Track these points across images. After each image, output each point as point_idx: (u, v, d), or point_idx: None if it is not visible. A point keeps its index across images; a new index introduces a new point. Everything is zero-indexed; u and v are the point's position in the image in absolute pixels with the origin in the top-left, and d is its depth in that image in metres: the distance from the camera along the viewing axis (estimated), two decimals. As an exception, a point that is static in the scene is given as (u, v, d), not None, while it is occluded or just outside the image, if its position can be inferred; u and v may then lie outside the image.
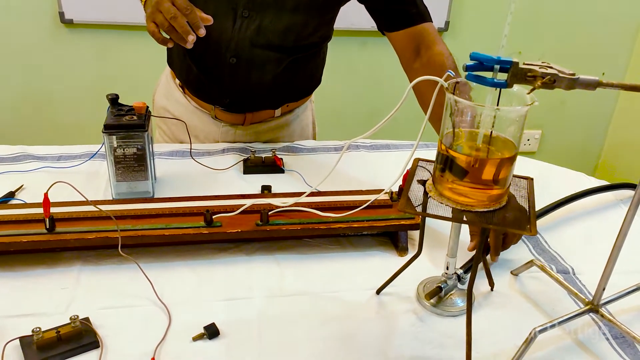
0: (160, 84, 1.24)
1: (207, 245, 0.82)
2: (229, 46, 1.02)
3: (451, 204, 0.62)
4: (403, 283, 0.75)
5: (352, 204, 0.83)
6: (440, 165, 0.62)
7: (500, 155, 0.61)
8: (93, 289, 0.72)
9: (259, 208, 0.82)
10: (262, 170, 1.03)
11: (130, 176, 0.89)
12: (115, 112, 0.88)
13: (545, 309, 0.73)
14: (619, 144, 2.44)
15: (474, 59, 0.56)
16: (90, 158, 1.03)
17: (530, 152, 2.47)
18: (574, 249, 0.85)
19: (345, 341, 0.66)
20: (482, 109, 0.59)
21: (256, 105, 1.14)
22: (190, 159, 1.05)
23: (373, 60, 2.16)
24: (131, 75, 2.01)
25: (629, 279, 0.73)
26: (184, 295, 0.72)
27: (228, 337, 0.66)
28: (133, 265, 0.74)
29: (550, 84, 0.54)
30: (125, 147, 0.87)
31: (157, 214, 0.82)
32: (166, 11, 0.84)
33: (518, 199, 0.66)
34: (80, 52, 1.98)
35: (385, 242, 0.85)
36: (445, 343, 0.67)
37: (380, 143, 1.17)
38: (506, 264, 0.81)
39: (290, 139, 1.21)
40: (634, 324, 0.70)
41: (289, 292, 0.74)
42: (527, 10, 2.14)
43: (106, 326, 0.66)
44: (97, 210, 0.78)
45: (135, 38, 1.95)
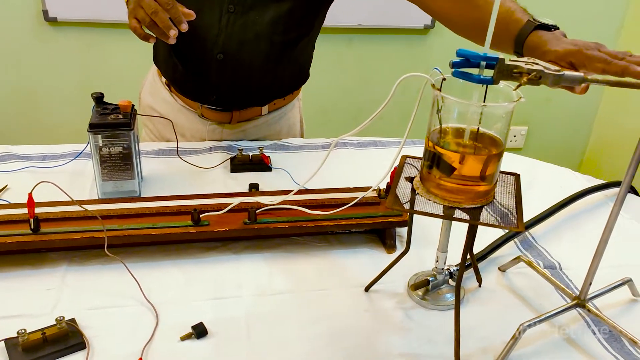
0: (146, 82, 1.23)
1: (195, 245, 0.81)
2: (216, 42, 1.02)
3: (439, 200, 0.62)
4: (392, 280, 0.75)
5: (340, 202, 0.83)
6: (428, 162, 0.62)
7: (487, 151, 0.61)
8: (79, 289, 0.72)
9: (246, 206, 0.81)
10: (250, 169, 1.02)
11: (116, 175, 0.89)
12: (101, 111, 0.87)
13: (532, 304, 0.73)
14: (603, 140, 2.47)
15: (461, 55, 0.57)
16: (75, 157, 1.02)
17: (517, 149, 2.49)
18: (561, 245, 0.85)
19: (334, 339, 0.66)
20: (468, 106, 0.59)
21: (243, 103, 1.14)
22: (177, 158, 1.04)
23: (360, 58, 2.16)
24: (117, 74, 2.00)
25: (616, 273, 0.74)
26: (171, 294, 0.71)
27: (216, 336, 0.65)
28: (119, 265, 0.74)
29: (536, 80, 0.54)
30: (110, 146, 0.86)
31: (144, 213, 0.81)
32: (147, 6, 0.83)
33: (505, 195, 0.66)
34: (65, 50, 1.96)
35: (374, 240, 0.85)
36: (434, 339, 0.67)
37: (368, 140, 1.17)
38: (494, 260, 0.81)
39: (277, 137, 1.20)
40: (620, 318, 0.71)
41: (277, 291, 0.73)
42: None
43: (93, 327, 0.65)
44: (83, 210, 0.77)
45: (120, 36, 1.94)
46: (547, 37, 0.72)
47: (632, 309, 0.73)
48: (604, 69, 0.62)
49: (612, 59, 0.62)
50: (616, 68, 0.60)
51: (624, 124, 2.31)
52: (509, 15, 0.78)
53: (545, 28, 0.75)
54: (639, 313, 0.72)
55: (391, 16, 2.05)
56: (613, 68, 0.61)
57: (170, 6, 0.84)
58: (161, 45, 1.11)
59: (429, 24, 2.10)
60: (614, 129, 2.41)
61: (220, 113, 1.14)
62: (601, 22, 2.27)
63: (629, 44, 2.27)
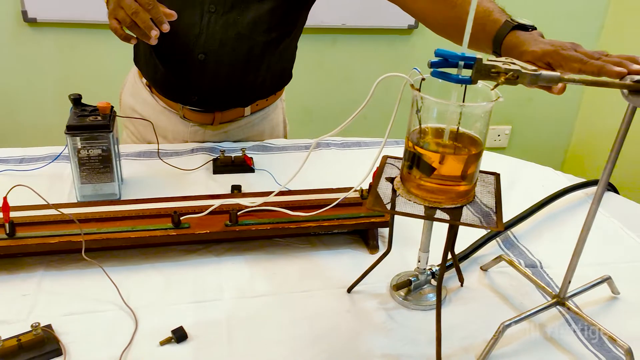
0: (127, 83, 1.21)
1: (176, 247, 0.80)
2: (197, 42, 1.01)
3: (419, 201, 0.62)
4: (374, 280, 0.75)
5: (322, 203, 0.82)
6: (408, 162, 0.62)
7: (466, 151, 0.61)
8: (56, 294, 0.70)
9: (227, 208, 0.81)
10: (232, 170, 1.01)
11: (96, 178, 0.87)
12: (79, 113, 0.86)
13: (513, 303, 0.73)
14: (585, 138, 2.49)
15: (439, 55, 0.56)
16: (53, 160, 1.00)
17: (501, 148, 2.51)
18: (542, 243, 0.86)
19: (316, 340, 0.66)
20: (447, 106, 0.59)
21: (225, 104, 1.13)
22: (158, 160, 1.03)
23: (344, 58, 2.16)
24: (98, 75, 1.97)
25: (596, 271, 0.74)
26: (151, 298, 0.71)
27: (196, 340, 0.65)
28: (98, 269, 0.73)
29: (514, 79, 0.54)
30: (89, 148, 0.85)
31: (124, 216, 0.80)
32: (127, 7, 0.82)
33: (485, 194, 0.66)
34: (44, 51, 1.93)
35: (357, 240, 0.85)
36: (416, 339, 0.67)
37: (352, 141, 1.17)
38: (476, 260, 0.82)
39: (260, 138, 1.20)
40: (600, 315, 0.71)
41: (259, 293, 0.73)
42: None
43: (70, 333, 0.64)
44: (60, 213, 0.76)
45: (101, 36, 1.91)
46: (524, 38, 0.73)
47: (611, 307, 0.73)
48: (580, 69, 0.62)
49: (588, 59, 0.63)
50: (592, 68, 0.61)
51: (605, 122, 2.34)
52: (487, 15, 0.78)
53: (523, 28, 0.75)
54: (618, 310, 0.73)
55: (375, 16, 2.05)
56: (589, 68, 0.61)
57: (151, 6, 0.83)
58: (141, 45, 1.10)
59: (412, 24, 2.10)
60: (595, 127, 2.43)
61: (202, 114, 1.13)
62: (583, 21, 2.29)
63: (610, 43, 2.30)
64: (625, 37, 2.24)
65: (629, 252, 0.85)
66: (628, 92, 0.55)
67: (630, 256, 0.84)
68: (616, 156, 0.59)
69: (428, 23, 0.93)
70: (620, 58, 0.60)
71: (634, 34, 2.20)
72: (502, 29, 0.76)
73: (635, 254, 0.84)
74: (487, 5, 0.80)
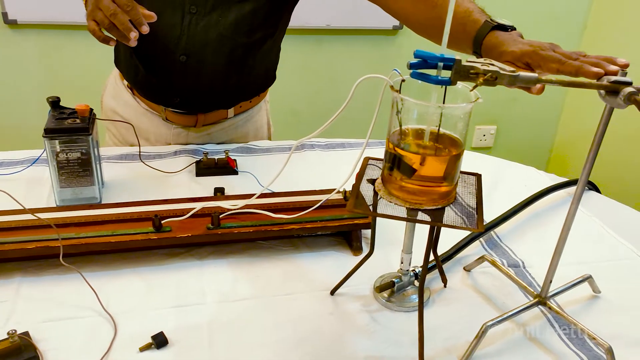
0: (108, 85, 1.20)
1: (157, 251, 0.79)
2: (179, 44, 1.00)
3: (400, 202, 0.62)
4: (358, 282, 0.75)
5: (305, 205, 0.82)
6: (389, 164, 0.62)
7: (447, 152, 0.61)
8: (34, 301, 0.69)
9: (209, 211, 0.80)
10: (215, 172, 1.01)
11: (75, 182, 0.86)
12: (57, 116, 0.85)
13: (496, 303, 0.73)
14: (569, 137, 2.51)
15: (418, 56, 0.56)
16: (32, 164, 0.99)
17: (487, 147, 2.52)
18: (524, 243, 0.86)
19: (298, 344, 0.65)
20: (427, 107, 0.58)
21: (208, 106, 1.12)
22: (140, 162, 1.02)
23: (329, 59, 2.15)
24: (79, 77, 1.95)
25: (578, 270, 0.75)
26: (131, 304, 0.70)
27: (177, 345, 0.64)
28: (77, 275, 0.72)
29: (492, 80, 0.54)
30: (68, 151, 0.84)
31: (103, 220, 0.79)
32: (106, 8, 0.81)
33: (466, 195, 0.66)
34: (25, 53, 1.91)
35: (340, 242, 0.84)
36: (400, 341, 0.67)
37: (335, 142, 1.17)
38: (460, 260, 0.82)
39: (244, 140, 1.19)
40: (581, 314, 0.72)
41: (241, 296, 0.72)
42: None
43: (47, 340, 0.63)
44: (37, 218, 0.75)
45: (82, 38, 1.89)
46: (503, 38, 0.73)
47: (592, 306, 0.74)
48: (558, 69, 0.62)
49: (566, 59, 0.63)
50: (570, 68, 0.61)
51: (588, 122, 2.36)
52: (467, 15, 0.78)
53: (503, 28, 0.75)
54: (599, 309, 0.73)
55: (359, 17, 2.05)
56: (567, 68, 0.61)
57: (130, 7, 0.82)
58: (122, 47, 1.09)
59: (397, 25, 2.10)
60: (578, 127, 2.45)
61: (185, 116, 1.12)
62: (565, 22, 2.31)
63: (592, 44, 2.32)
64: (607, 38, 2.26)
65: (610, 250, 0.86)
66: (605, 92, 0.55)
67: (611, 255, 0.85)
68: (595, 156, 0.60)
69: (409, 23, 0.93)
70: (598, 59, 0.61)
71: (616, 35, 2.22)
72: (481, 29, 0.76)
73: (616, 253, 0.85)
74: (467, 5, 0.80)
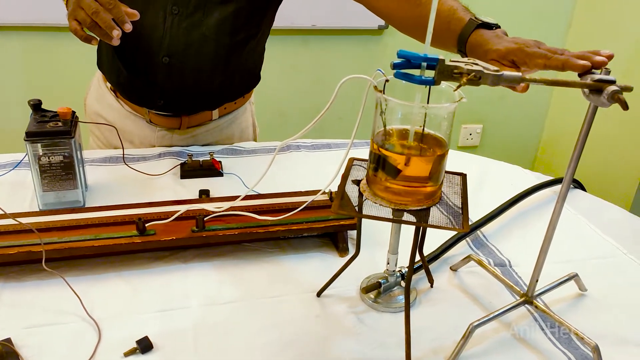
0: (91, 88, 1.18)
1: (141, 255, 0.78)
2: (161, 45, 0.99)
3: (385, 203, 0.61)
4: (344, 284, 0.74)
5: (291, 206, 0.81)
6: (373, 164, 0.62)
7: (431, 152, 0.61)
8: (15, 307, 0.68)
9: (194, 214, 0.79)
10: (200, 174, 1.00)
11: (58, 185, 0.85)
12: (39, 119, 0.84)
13: (483, 303, 0.73)
14: (555, 136, 2.53)
15: (402, 56, 0.56)
16: (14, 167, 0.97)
17: (473, 146, 2.53)
18: (511, 242, 0.86)
19: (285, 347, 0.65)
20: (411, 107, 0.58)
21: (192, 108, 1.11)
22: (124, 165, 1.01)
23: (316, 59, 2.15)
24: (61, 79, 1.93)
25: (564, 268, 0.75)
26: (115, 308, 0.69)
27: (162, 350, 0.63)
28: (59, 280, 0.71)
29: (476, 80, 0.54)
30: (50, 155, 0.83)
31: (87, 224, 0.78)
32: (87, 7, 0.80)
33: (452, 195, 0.66)
34: (7, 55, 1.88)
35: (326, 243, 0.84)
36: (386, 342, 0.66)
37: (321, 143, 1.16)
38: (445, 260, 0.81)
39: (229, 142, 1.18)
40: (568, 313, 0.72)
41: (227, 299, 0.72)
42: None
43: (30, 346, 0.62)
44: (18, 223, 0.73)
45: (65, 40, 1.87)
46: (488, 36, 0.73)
47: (578, 304, 0.74)
48: (545, 64, 0.63)
49: (552, 54, 0.63)
50: (556, 62, 0.61)
51: (574, 120, 2.38)
52: (451, 13, 0.78)
53: (487, 27, 0.75)
54: (585, 307, 0.73)
55: (345, 17, 2.05)
56: (553, 62, 0.61)
57: (112, 5, 0.80)
58: (105, 48, 1.07)
59: (383, 25, 2.10)
60: (564, 125, 2.47)
61: (169, 118, 1.11)
62: (550, 21, 2.33)
63: (577, 43, 2.34)
64: (592, 37, 2.28)
65: (595, 248, 0.86)
66: (589, 91, 0.55)
67: (597, 252, 0.85)
68: (579, 154, 0.60)
69: (393, 21, 0.93)
70: (583, 53, 0.61)
71: (600, 34, 2.24)
72: (466, 27, 0.76)
73: (601, 251, 0.86)
74: (452, 3, 0.80)
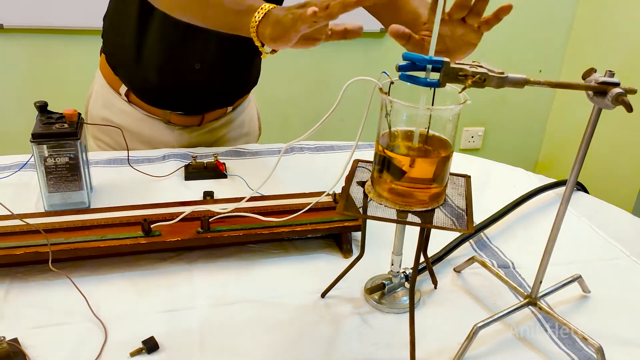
0: (93, 94, 1.17)
1: (147, 256, 0.79)
2: (194, 53, 1.00)
3: (390, 204, 0.62)
4: (348, 285, 0.75)
5: (295, 207, 0.82)
6: (378, 166, 0.62)
7: (436, 154, 0.61)
8: (22, 307, 0.68)
9: (199, 215, 0.80)
10: (204, 176, 1.00)
11: (63, 186, 0.85)
12: (45, 120, 0.84)
13: (487, 304, 0.74)
14: (558, 138, 2.53)
15: (407, 59, 0.56)
16: (19, 169, 0.98)
17: (475, 149, 2.53)
18: (514, 244, 0.87)
19: (289, 347, 0.65)
20: (416, 109, 0.59)
21: (215, 105, 1.14)
22: (129, 167, 1.02)
23: (318, 62, 2.16)
24: (65, 81, 1.94)
25: (567, 270, 0.75)
26: (121, 309, 0.69)
27: (168, 350, 0.63)
28: (66, 280, 0.71)
29: (481, 82, 0.54)
30: (56, 156, 0.83)
31: (92, 225, 0.78)
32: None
33: (456, 196, 0.66)
34: (11, 57, 1.89)
35: (331, 244, 0.84)
36: (391, 343, 0.67)
37: (325, 144, 1.17)
38: (450, 261, 0.82)
39: (241, 130, 1.22)
40: (571, 314, 0.72)
41: (232, 300, 0.72)
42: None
43: (37, 346, 0.62)
44: (25, 224, 0.74)
45: (68, 42, 1.88)
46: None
47: (582, 305, 0.74)
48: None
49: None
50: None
51: (576, 122, 2.38)
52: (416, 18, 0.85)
53: None
54: (589, 309, 0.74)
55: (347, 20, 2.05)
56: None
57: None
58: (127, 55, 1.06)
59: (384, 29, 2.11)
60: (567, 127, 2.48)
61: (190, 117, 1.13)
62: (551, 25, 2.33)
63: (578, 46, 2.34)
64: (593, 40, 2.28)
65: (599, 250, 0.86)
66: (593, 93, 0.56)
67: (600, 254, 0.85)
68: (583, 156, 0.60)
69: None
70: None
71: (602, 37, 2.24)
72: None
73: (605, 252, 0.86)
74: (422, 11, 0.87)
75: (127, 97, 1.12)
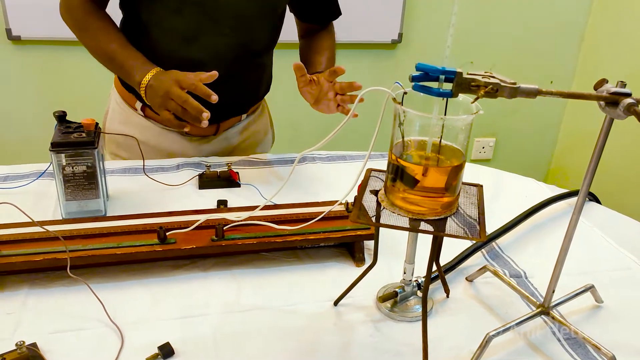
0: (109, 111, 1.19)
1: (162, 263, 0.80)
2: (207, 64, 1.03)
3: (403, 213, 0.62)
4: (360, 293, 0.75)
5: (308, 216, 0.83)
6: (391, 175, 0.63)
7: (449, 163, 0.62)
8: (41, 312, 0.70)
9: (213, 223, 0.81)
10: (218, 185, 1.02)
11: (81, 195, 0.87)
12: (63, 130, 0.86)
13: (499, 313, 0.74)
14: (569, 149, 2.53)
15: (420, 69, 0.57)
16: (38, 177, 1.00)
17: (486, 160, 2.53)
18: (526, 254, 0.87)
19: (303, 355, 0.66)
20: (429, 119, 0.60)
21: (230, 114, 1.17)
22: (144, 176, 1.03)
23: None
24: (81, 92, 1.97)
25: (580, 280, 0.75)
26: (137, 315, 0.70)
27: (183, 356, 0.64)
28: (83, 286, 0.72)
29: (493, 92, 0.55)
30: (74, 165, 0.85)
31: (109, 232, 0.80)
32: (177, 97, 0.88)
33: (468, 205, 0.67)
34: (29, 69, 1.93)
35: (343, 253, 0.85)
36: (402, 351, 0.67)
37: (337, 154, 1.18)
38: (462, 271, 0.82)
39: (256, 138, 1.25)
40: (584, 324, 0.72)
41: (245, 307, 0.73)
42: (477, 22, 2.21)
43: (55, 351, 0.64)
44: (45, 231, 0.75)
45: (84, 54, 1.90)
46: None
47: (595, 315, 0.74)
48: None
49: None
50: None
51: (588, 133, 2.37)
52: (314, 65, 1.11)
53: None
54: (601, 319, 0.74)
55: (359, 31, 2.08)
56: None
57: (194, 87, 0.88)
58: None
59: (396, 39, 2.13)
60: (578, 138, 2.47)
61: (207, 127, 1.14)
62: (563, 34, 2.33)
63: (590, 54, 2.34)
64: (605, 49, 2.28)
65: (611, 260, 0.86)
66: (604, 104, 0.56)
67: (612, 264, 0.85)
68: (595, 166, 0.61)
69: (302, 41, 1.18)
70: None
71: (613, 46, 2.24)
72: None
73: (617, 262, 0.86)
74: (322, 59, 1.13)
75: (143, 112, 1.14)
